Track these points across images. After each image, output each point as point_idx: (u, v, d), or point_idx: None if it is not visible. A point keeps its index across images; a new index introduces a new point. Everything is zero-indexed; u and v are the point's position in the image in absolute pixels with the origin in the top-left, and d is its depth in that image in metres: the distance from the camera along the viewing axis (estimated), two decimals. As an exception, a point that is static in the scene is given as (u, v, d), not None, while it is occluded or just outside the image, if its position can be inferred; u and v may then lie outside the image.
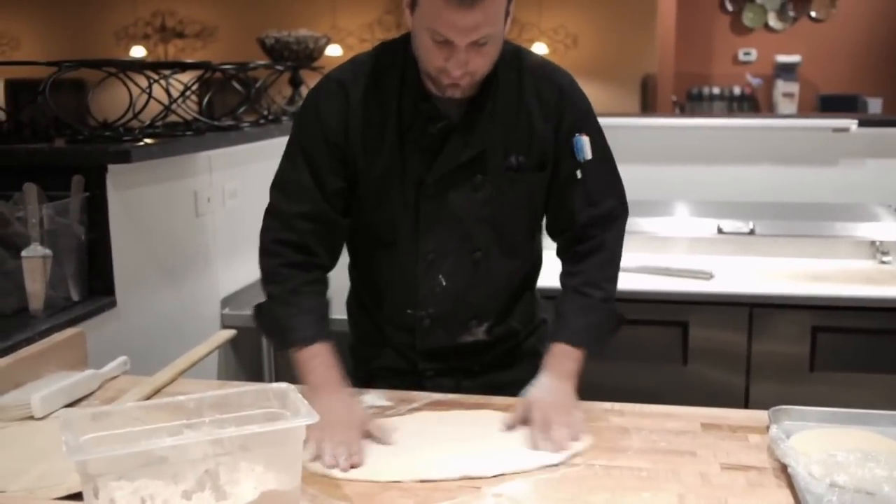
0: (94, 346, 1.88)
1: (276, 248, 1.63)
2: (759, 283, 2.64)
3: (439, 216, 1.63)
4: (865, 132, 3.35)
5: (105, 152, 2.06)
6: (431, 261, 1.67)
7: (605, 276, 1.69)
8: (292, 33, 3.38)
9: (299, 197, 1.62)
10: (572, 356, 1.62)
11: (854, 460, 1.34)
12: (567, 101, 1.65)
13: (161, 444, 1.21)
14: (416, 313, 1.71)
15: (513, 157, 1.62)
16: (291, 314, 1.60)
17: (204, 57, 8.83)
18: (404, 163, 1.61)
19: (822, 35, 8.46)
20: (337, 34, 8.45)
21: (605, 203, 1.69)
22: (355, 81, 1.61)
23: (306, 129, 1.63)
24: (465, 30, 1.43)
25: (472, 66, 1.49)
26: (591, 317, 1.66)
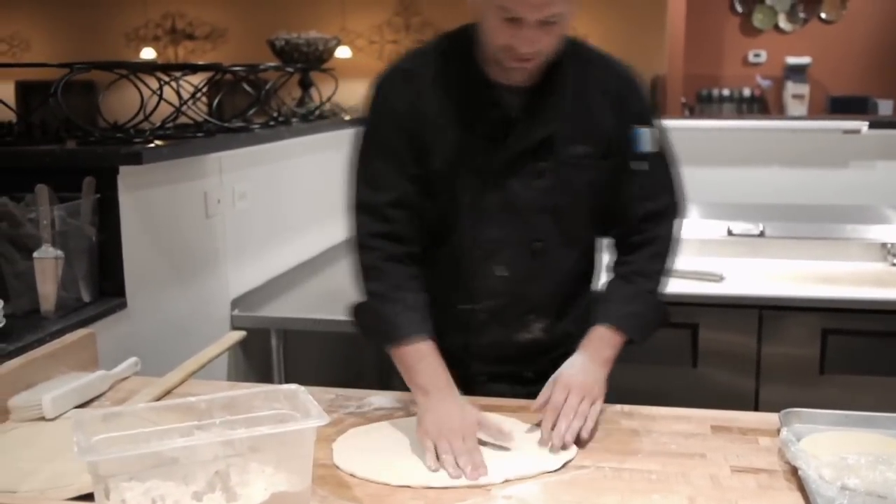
0: (104, 348, 1.89)
1: (372, 243, 1.60)
2: (769, 285, 2.63)
3: (499, 205, 1.61)
4: (876, 134, 3.34)
5: (116, 154, 2.07)
6: (490, 250, 1.64)
7: (654, 269, 1.68)
8: (302, 35, 3.39)
9: (385, 186, 1.60)
10: (611, 342, 1.61)
11: (865, 463, 1.34)
12: (631, 91, 1.65)
13: (172, 445, 1.21)
14: (472, 307, 1.68)
15: (577, 146, 1.60)
16: (396, 311, 1.57)
17: (214, 59, 8.85)
18: (466, 150, 1.59)
19: (833, 36, 8.42)
20: (346, 36, 8.45)
21: (661, 198, 1.68)
22: (420, 70, 1.61)
23: (379, 119, 1.62)
24: (538, 5, 1.42)
25: (539, 45, 1.48)
26: (635, 305, 1.65)
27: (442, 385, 1.53)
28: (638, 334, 1.65)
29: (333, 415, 1.60)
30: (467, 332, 1.71)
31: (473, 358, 1.72)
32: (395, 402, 1.68)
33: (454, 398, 1.52)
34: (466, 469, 1.38)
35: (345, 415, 1.63)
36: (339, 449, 1.48)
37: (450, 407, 1.49)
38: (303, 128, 3.07)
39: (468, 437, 1.44)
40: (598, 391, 1.56)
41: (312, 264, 3.16)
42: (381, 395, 1.71)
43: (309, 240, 3.20)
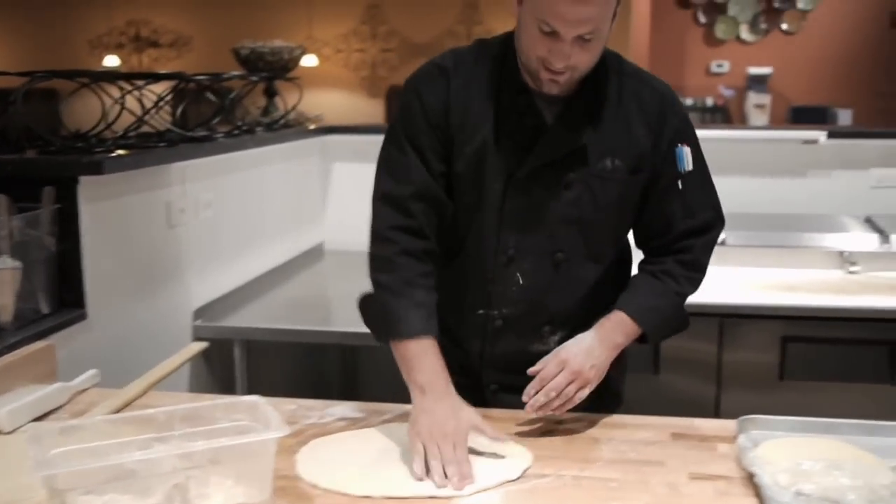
0: (63, 359, 1.87)
1: (392, 235, 1.59)
2: (729, 294, 2.66)
3: (524, 212, 1.61)
4: (834, 143, 3.39)
5: (77, 163, 2.05)
6: (511, 257, 1.63)
7: (686, 275, 1.67)
8: (267, 44, 3.38)
9: (410, 179, 1.59)
10: (626, 329, 1.60)
11: (820, 469, 1.36)
12: (669, 108, 1.63)
13: (130, 457, 1.21)
14: (489, 312, 1.67)
15: (608, 160, 1.60)
16: (404, 306, 1.55)
17: (179, 66, 8.79)
18: (496, 154, 1.59)
19: (794, 47, 8.56)
20: (313, 44, 8.44)
21: (702, 215, 1.67)
22: (456, 69, 1.61)
23: (409, 113, 1.62)
24: (575, 22, 1.43)
25: (574, 60, 1.49)
26: (660, 301, 1.64)
27: (441, 386, 1.51)
28: (654, 331, 1.64)
29: (295, 425, 1.60)
30: (483, 338, 1.70)
31: (486, 366, 1.72)
32: (357, 412, 1.68)
33: (451, 400, 1.51)
34: (454, 479, 1.38)
35: (306, 425, 1.62)
36: (303, 460, 1.47)
37: (445, 410, 1.48)
38: (267, 137, 3.06)
39: (459, 445, 1.44)
40: (594, 375, 1.55)
41: (276, 274, 3.15)
42: (343, 406, 1.71)
43: (273, 250, 3.19)
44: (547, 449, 1.51)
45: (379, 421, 1.64)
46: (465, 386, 1.60)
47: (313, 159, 3.59)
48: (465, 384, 1.60)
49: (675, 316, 1.69)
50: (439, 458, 1.41)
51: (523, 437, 1.55)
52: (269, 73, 3.30)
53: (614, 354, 1.60)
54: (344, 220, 3.56)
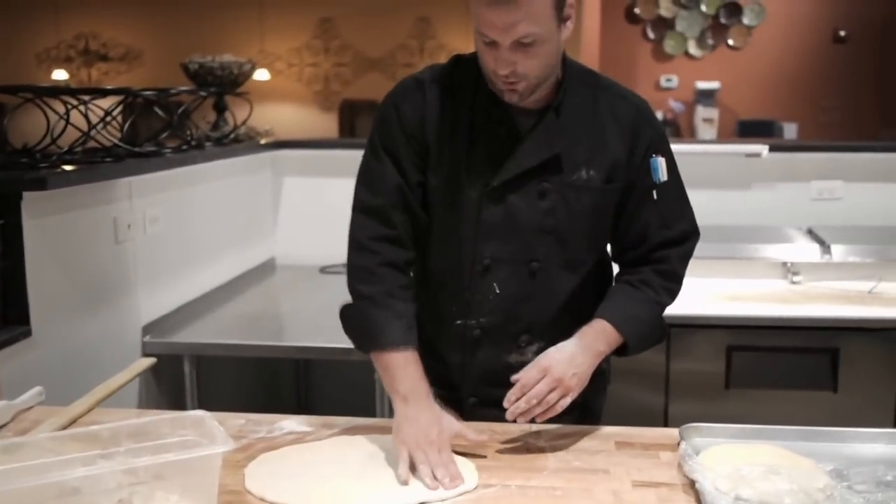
0: (7, 377, 1.85)
1: (373, 246, 1.62)
2: (676, 304, 2.66)
3: (500, 221, 1.63)
4: (777, 157, 3.48)
5: (20, 179, 2.03)
6: (487, 266, 1.65)
7: (663, 285, 1.69)
8: (217, 58, 3.37)
9: (389, 190, 1.63)
10: (608, 338, 1.61)
11: (758, 474, 1.40)
12: (644, 121, 1.66)
13: (73, 474, 1.20)
14: (467, 322, 1.69)
15: (582, 170, 1.62)
16: (385, 317, 1.58)
17: (129, 80, 8.70)
18: (472, 164, 1.62)
19: (740, 63, 8.72)
20: (265, 58, 8.42)
21: (677, 226, 1.70)
22: (432, 82, 1.65)
23: (387, 125, 1.65)
24: (504, 28, 1.46)
25: (520, 67, 1.51)
26: (640, 309, 1.65)
27: (422, 394, 1.55)
28: (635, 339, 1.64)
29: (243, 440, 1.60)
30: (462, 349, 1.72)
31: (465, 378, 1.73)
32: (306, 426, 1.68)
33: (432, 408, 1.55)
34: (444, 480, 1.42)
35: (255, 440, 1.62)
36: (251, 474, 1.47)
37: (428, 417, 1.52)
38: (216, 152, 3.05)
39: (443, 449, 1.48)
40: (575, 384, 1.55)
41: (227, 289, 3.13)
42: (291, 420, 1.71)
43: (223, 265, 3.17)
44: (492, 459, 1.53)
45: (328, 434, 1.64)
46: (445, 399, 1.63)
47: (264, 174, 3.59)
48: (444, 397, 1.63)
49: (654, 325, 1.70)
50: (427, 462, 1.45)
51: (468, 448, 1.56)
52: (218, 88, 3.29)
53: (597, 362, 1.61)
54: (295, 234, 3.55)
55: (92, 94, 2.39)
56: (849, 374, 2.61)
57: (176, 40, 8.25)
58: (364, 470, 1.49)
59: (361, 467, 1.50)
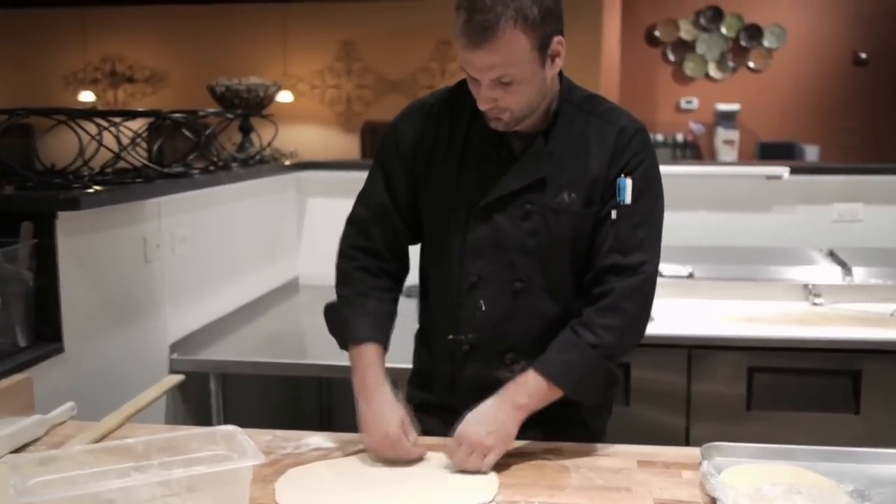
0: (41, 392, 1.89)
1: (351, 252, 1.77)
2: (697, 325, 2.72)
3: (486, 240, 1.68)
4: (797, 179, 3.49)
5: (55, 199, 2.08)
6: (474, 283, 1.70)
7: (602, 323, 1.61)
8: (243, 81, 3.43)
9: (373, 206, 1.75)
10: (532, 389, 1.59)
11: (779, 493, 1.41)
12: (625, 141, 1.65)
13: (109, 486, 1.23)
14: (457, 338, 1.74)
15: (564, 193, 1.66)
16: (355, 315, 1.71)
17: (154, 102, 8.83)
18: (462, 184, 1.69)
19: (761, 85, 8.74)
20: (288, 80, 8.52)
21: (633, 255, 1.64)
22: (435, 105, 1.74)
23: (385, 145, 1.78)
24: (482, 68, 1.53)
25: (502, 102, 1.57)
26: (572, 355, 1.62)
27: (370, 384, 1.66)
28: (569, 385, 1.61)
29: (270, 456, 1.63)
30: (453, 363, 1.76)
31: (458, 391, 1.76)
32: (332, 443, 1.71)
33: (379, 399, 1.64)
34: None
35: (282, 455, 1.65)
36: (281, 488, 1.50)
37: (373, 413, 1.63)
38: (242, 173, 3.10)
39: (397, 445, 1.60)
40: (492, 442, 1.56)
41: (252, 308, 3.17)
42: (318, 436, 1.74)
43: (248, 284, 3.22)
44: (516, 476, 1.55)
45: (353, 450, 1.67)
46: (438, 406, 1.73)
47: (288, 195, 3.64)
48: (438, 404, 1.73)
49: (594, 370, 1.64)
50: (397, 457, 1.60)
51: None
52: (244, 110, 3.34)
53: (519, 414, 1.59)
54: (319, 254, 3.59)
55: (123, 116, 2.44)
56: (871, 396, 2.60)
57: (200, 63, 8.37)
58: (390, 486, 1.52)
59: (388, 483, 1.53)
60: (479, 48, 1.50)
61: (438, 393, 1.79)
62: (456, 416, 1.69)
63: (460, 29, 1.51)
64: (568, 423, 1.73)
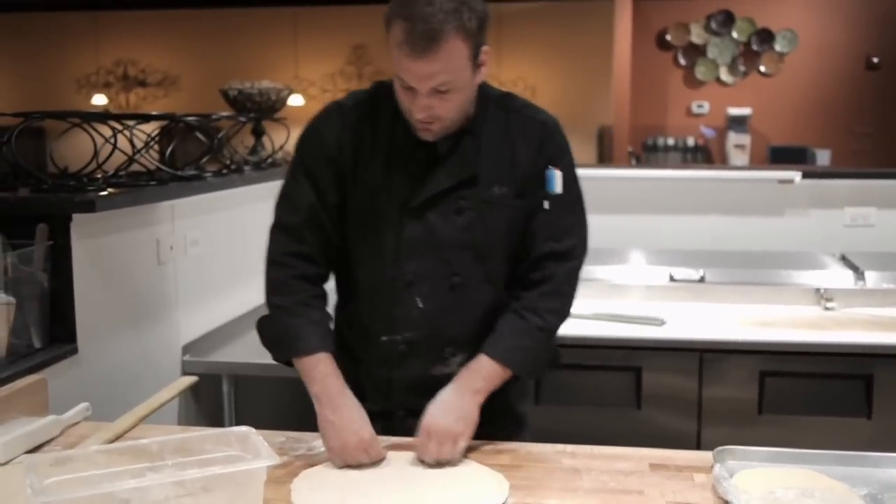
0: (55, 393, 1.90)
1: (287, 260, 1.72)
2: (709, 329, 2.72)
3: (421, 239, 1.70)
4: (809, 184, 3.48)
5: (70, 202, 2.09)
6: (410, 282, 1.72)
7: (548, 307, 1.73)
8: (255, 85, 3.44)
9: (305, 210, 1.71)
10: (488, 374, 1.66)
11: (792, 497, 1.41)
12: (549, 136, 1.74)
13: (124, 486, 1.24)
14: (393, 338, 1.75)
15: (495, 187, 1.70)
16: (301, 324, 1.68)
17: (166, 105, 8.87)
18: (391, 185, 1.70)
19: (772, 89, 8.72)
20: (299, 84, 8.54)
21: (566, 240, 1.75)
22: (353, 107, 1.73)
23: (307, 147, 1.75)
24: (423, 77, 1.55)
25: (436, 110, 1.60)
26: (524, 339, 1.70)
27: (334, 392, 1.64)
28: (522, 368, 1.71)
29: (283, 457, 1.63)
30: (388, 364, 1.77)
31: (393, 391, 1.78)
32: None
33: (346, 404, 1.63)
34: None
35: (294, 457, 1.66)
36: (298, 487, 1.51)
37: (345, 417, 1.61)
38: (255, 176, 3.11)
39: (369, 449, 1.60)
40: (461, 428, 1.61)
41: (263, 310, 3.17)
42: (330, 438, 1.74)
43: (260, 286, 3.21)
44: (529, 479, 1.55)
45: (365, 453, 1.67)
46: (375, 413, 1.70)
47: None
48: (374, 411, 1.70)
49: (543, 351, 1.75)
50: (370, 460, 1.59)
51: (503, 468, 1.59)
52: (256, 114, 3.35)
53: (478, 399, 1.65)
54: (330, 257, 3.59)
55: (137, 120, 2.46)
56: (883, 400, 2.59)
57: (212, 66, 8.41)
58: (404, 486, 1.53)
59: (402, 484, 1.54)
60: (423, 57, 1.52)
61: (374, 400, 1.76)
62: (392, 423, 1.74)
63: (402, 38, 1.52)
64: (499, 410, 1.76)
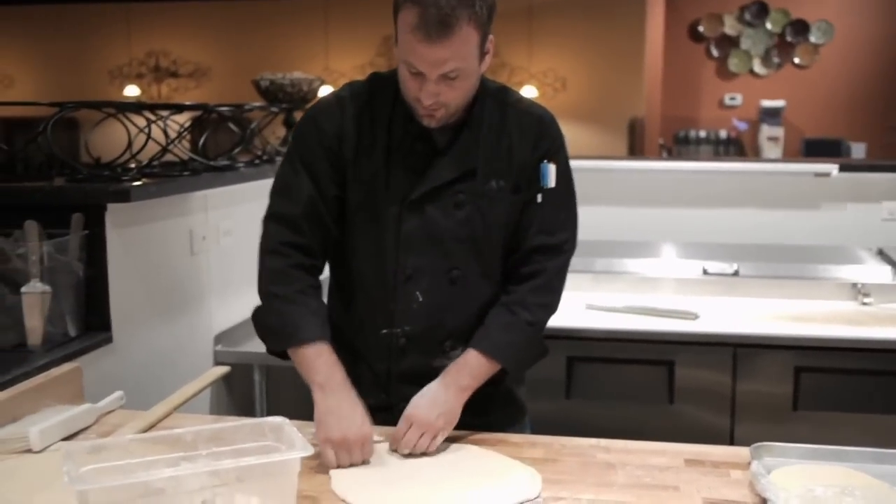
0: (90, 381, 1.91)
1: (284, 250, 1.69)
2: (743, 324, 2.69)
3: (420, 232, 1.69)
4: (846, 177, 3.43)
5: (105, 191, 2.11)
6: (409, 276, 1.71)
7: (538, 302, 1.73)
8: (287, 76, 3.45)
9: (302, 200, 1.69)
10: (475, 370, 1.67)
11: (832, 495, 1.38)
12: (544, 130, 1.74)
13: (159, 475, 1.24)
14: (392, 331, 1.74)
15: (493, 181, 1.70)
16: (300, 313, 1.66)
17: (197, 96, 8.92)
18: (390, 178, 1.69)
19: (807, 81, 8.62)
20: (329, 76, 8.55)
21: (558, 234, 1.75)
22: (351, 99, 1.71)
23: (305, 138, 1.72)
24: (434, 63, 1.54)
25: (443, 97, 1.59)
26: (512, 335, 1.71)
27: (337, 381, 1.62)
28: (511, 363, 1.71)
29: (316, 448, 1.63)
30: (389, 356, 1.77)
31: (394, 384, 1.78)
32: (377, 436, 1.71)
33: (350, 395, 1.62)
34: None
35: (327, 448, 1.65)
36: (337, 476, 1.52)
37: (348, 406, 1.59)
38: (287, 166, 3.11)
39: (366, 445, 1.57)
40: (443, 423, 1.62)
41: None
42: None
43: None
44: (563, 473, 1.54)
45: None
46: (376, 406, 1.69)
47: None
48: (374, 405, 1.69)
49: (530, 346, 1.76)
50: (349, 461, 1.55)
51: (537, 462, 1.58)
52: (288, 104, 3.36)
53: (464, 395, 1.66)
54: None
55: (171, 110, 2.47)
56: (922, 397, 2.55)
57: (243, 58, 8.45)
58: (440, 477, 1.53)
59: (438, 475, 1.53)
60: (436, 42, 1.51)
61: (373, 394, 1.74)
62: (393, 415, 1.71)
63: (415, 23, 1.51)
64: (497, 397, 1.78)
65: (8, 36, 9.45)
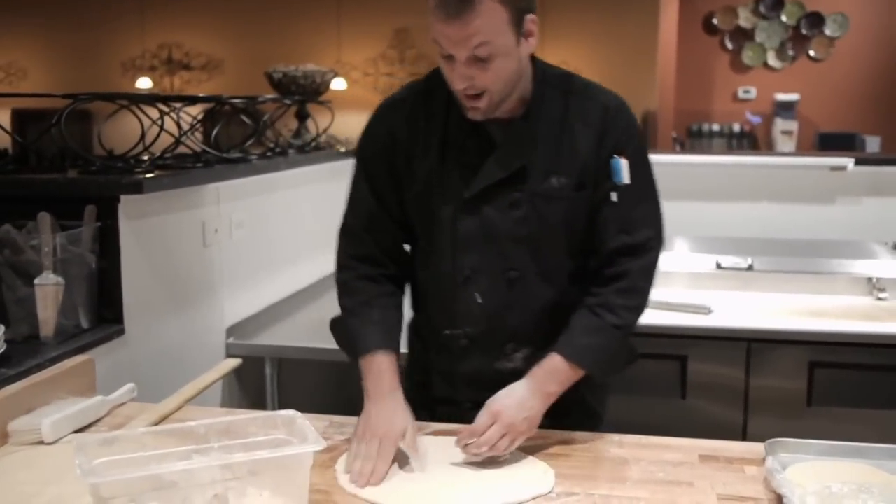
0: (102, 373, 1.91)
1: (349, 263, 1.73)
2: (757, 319, 2.67)
3: (476, 232, 1.65)
4: (862, 170, 3.40)
5: (118, 183, 2.10)
6: (468, 277, 1.68)
7: (624, 304, 1.63)
8: (300, 68, 3.44)
9: (362, 211, 1.72)
10: (560, 375, 1.59)
11: (848, 492, 1.37)
12: (611, 120, 1.63)
13: (172, 468, 1.24)
14: (454, 332, 1.72)
15: (553, 178, 1.62)
16: (360, 325, 1.68)
17: (209, 89, 8.92)
18: (446, 177, 1.65)
19: (821, 74, 8.55)
20: (342, 68, 8.53)
21: (639, 232, 1.64)
22: (408, 100, 1.70)
23: (364, 146, 1.74)
24: (458, 42, 1.48)
25: (478, 81, 1.52)
26: (596, 338, 1.62)
27: (383, 391, 1.62)
28: (597, 368, 1.64)
29: (328, 441, 1.62)
30: (451, 357, 1.75)
31: (459, 385, 1.76)
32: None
33: (393, 404, 1.60)
34: (357, 475, 1.47)
35: (339, 441, 1.65)
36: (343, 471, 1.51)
37: (383, 412, 1.59)
38: (299, 159, 3.11)
39: (385, 444, 1.52)
40: (526, 428, 1.56)
41: (307, 293, 3.19)
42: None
43: (304, 269, 3.23)
44: (576, 468, 1.53)
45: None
46: (440, 399, 1.71)
47: (344, 181, 3.63)
48: (438, 397, 1.71)
49: (618, 350, 1.67)
50: (360, 455, 1.51)
51: (550, 457, 1.57)
52: (301, 97, 3.35)
53: (549, 402, 1.60)
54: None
55: (184, 102, 2.46)
56: (938, 393, 2.53)
57: (255, 50, 8.43)
58: (451, 472, 1.52)
59: (449, 469, 1.53)
60: (457, 18, 1.45)
61: (438, 386, 1.76)
62: (459, 411, 1.71)
63: (435, 2, 1.47)
64: (571, 403, 1.68)
65: (22, 28, 9.46)
